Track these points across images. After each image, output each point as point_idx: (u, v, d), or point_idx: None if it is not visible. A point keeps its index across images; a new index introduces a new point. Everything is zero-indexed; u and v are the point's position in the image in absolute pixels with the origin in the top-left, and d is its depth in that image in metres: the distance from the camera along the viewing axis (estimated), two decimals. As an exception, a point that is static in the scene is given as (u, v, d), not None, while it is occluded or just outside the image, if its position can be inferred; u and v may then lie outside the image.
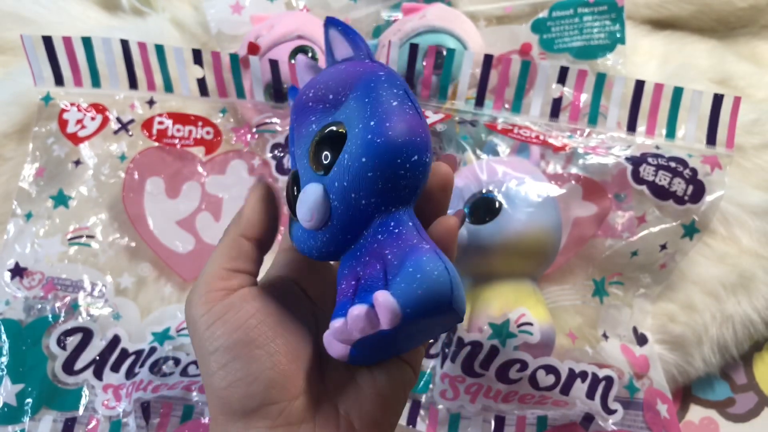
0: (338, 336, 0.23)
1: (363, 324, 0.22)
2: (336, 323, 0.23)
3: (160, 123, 0.49)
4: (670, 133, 0.48)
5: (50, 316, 0.45)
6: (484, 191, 0.44)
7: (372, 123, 0.23)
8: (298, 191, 0.25)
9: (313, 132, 0.25)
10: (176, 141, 0.49)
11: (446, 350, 0.43)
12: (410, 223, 0.24)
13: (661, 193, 0.46)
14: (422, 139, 0.23)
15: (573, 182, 0.47)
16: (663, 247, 0.47)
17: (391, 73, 0.25)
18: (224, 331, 0.25)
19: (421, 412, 0.44)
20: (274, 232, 0.29)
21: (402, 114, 0.23)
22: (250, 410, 0.25)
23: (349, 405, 0.26)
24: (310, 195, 0.24)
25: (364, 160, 0.23)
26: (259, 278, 0.29)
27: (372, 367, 0.27)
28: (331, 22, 0.27)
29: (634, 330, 0.47)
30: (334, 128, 0.24)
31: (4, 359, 0.43)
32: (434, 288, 0.22)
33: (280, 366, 0.25)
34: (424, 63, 0.48)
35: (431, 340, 0.45)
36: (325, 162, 0.24)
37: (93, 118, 0.48)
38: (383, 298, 0.22)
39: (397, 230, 0.24)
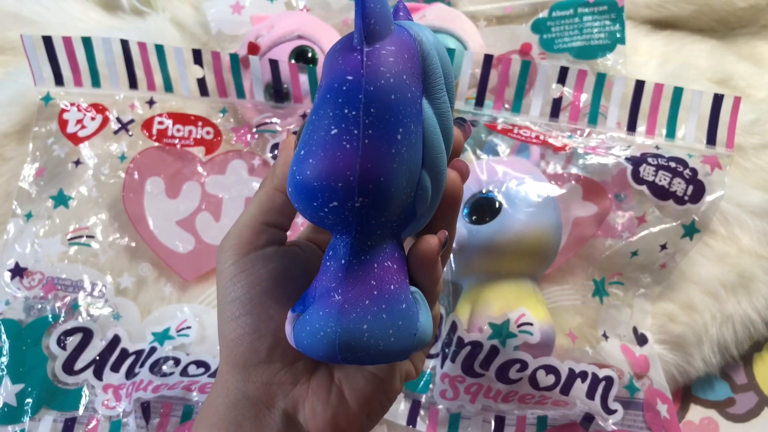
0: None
1: (287, 330, 0.24)
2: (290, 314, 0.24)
3: (160, 123, 0.49)
4: (670, 133, 0.48)
5: (50, 316, 0.45)
6: (484, 191, 0.44)
7: (302, 153, 0.21)
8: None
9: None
10: (176, 141, 0.49)
11: (446, 350, 0.43)
12: (342, 261, 0.23)
13: (661, 193, 0.46)
14: (349, 183, 0.20)
15: (573, 182, 0.47)
16: (663, 247, 0.47)
17: (372, 75, 0.21)
18: (244, 284, 0.26)
19: (421, 412, 0.44)
20: None
21: (334, 148, 0.20)
22: (251, 364, 0.26)
23: (344, 375, 0.27)
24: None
25: (290, 190, 0.22)
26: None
27: None
28: None
29: (634, 330, 0.47)
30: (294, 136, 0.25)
31: (4, 359, 0.43)
32: (319, 344, 0.23)
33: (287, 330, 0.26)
34: (424, 63, 0.48)
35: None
36: None
37: (93, 118, 0.48)
38: (287, 328, 0.24)
39: (329, 263, 0.23)
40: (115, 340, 0.45)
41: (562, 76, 0.48)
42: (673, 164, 0.46)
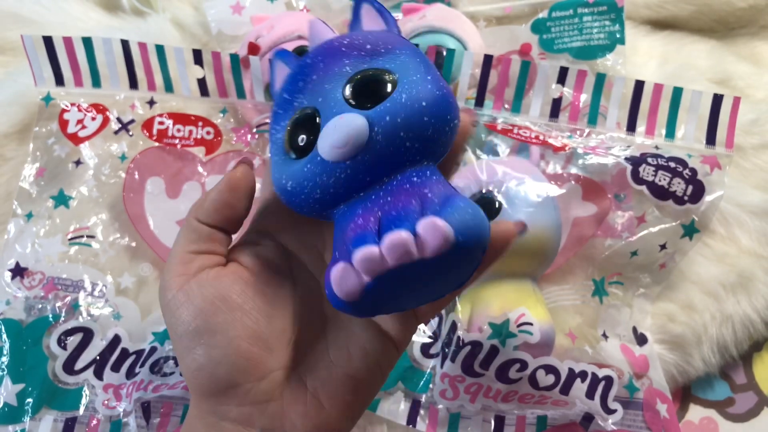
0: (365, 265, 0.22)
1: (403, 250, 0.21)
2: (364, 251, 0.22)
3: (161, 123, 0.49)
4: (670, 134, 0.48)
5: (51, 315, 0.45)
6: (484, 191, 0.44)
7: (429, 77, 0.24)
8: (312, 124, 0.25)
9: (348, 73, 0.25)
10: (176, 141, 0.49)
11: (446, 350, 0.44)
12: (442, 177, 0.24)
13: (660, 193, 0.46)
14: (458, 110, 0.25)
15: (573, 182, 0.47)
16: (663, 247, 0.47)
17: None
18: (186, 317, 0.26)
19: (421, 411, 0.44)
20: (240, 216, 0.28)
21: (445, 82, 0.25)
22: (218, 391, 0.26)
23: (319, 384, 0.27)
24: (351, 121, 0.23)
25: (424, 104, 0.23)
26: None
27: (351, 349, 0.27)
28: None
29: (634, 330, 0.47)
30: (386, 72, 0.24)
31: (5, 359, 0.43)
32: (481, 224, 0.22)
33: (241, 350, 0.25)
34: (424, 63, 0.48)
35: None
36: (371, 97, 0.24)
37: (93, 118, 0.49)
38: (437, 222, 0.21)
39: (434, 177, 0.24)
40: (116, 340, 0.45)
41: (562, 77, 0.48)
42: (672, 164, 0.46)
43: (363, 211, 0.24)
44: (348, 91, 0.24)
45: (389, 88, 0.24)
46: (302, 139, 0.25)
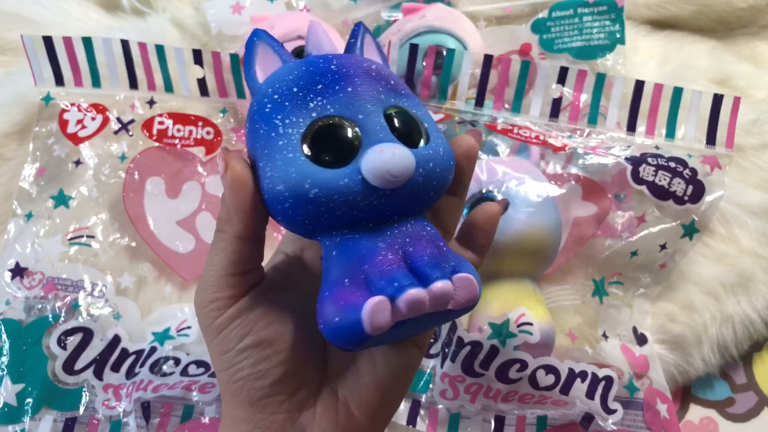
0: (412, 306, 0.22)
1: (445, 300, 0.23)
2: (416, 293, 0.22)
3: (161, 123, 0.49)
4: (670, 134, 0.48)
5: (50, 315, 0.45)
6: (484, 191, 0.44)
7: (442, 135, 0.26)
8: (351, 137, 0.24)
9: (383, 101, 0.25)
10: (176, 141, 0.49)
11: (446, 350, 0.44)
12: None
13: (660, 193, 0.46)
14: None
15: (573, 182, 0.47)
16: (663, 247, 0.47)
17: None
18: (234, 337, 0.26)
19: (421, 411, 0.44)
20: (263, 221, 0.26)
21: None
22: (255, 400, 0.26)
23: (348, 392, 0.27)
24: (408, 155, 0.23)
25: (452, 163, 0.26)
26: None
27: (375, 354, 0.27)
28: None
29: (634, 330, 0.47)
30: (419, 118, 0.26)
31: (5, 359, 0.43)
32: (480, 287, 0.25)
33: (286, 363, 0.26)
34: (424, 63, 0.48)
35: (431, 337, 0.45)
36: (409, 137, 0.25)
37: (93, 118, 0.49)
38: (472, 280, 0.24)
39: (438, 231, 0.26)
40: (116, 340, 0.45)
41: (562, 77, 0.48)
42: (672, 164, 0.46)
43: (386, 246, 0.24)
44: (393, 121, 0.25)
45: (424, 136, 0.25)
46: (336, 148, 0.24)
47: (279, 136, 0.24)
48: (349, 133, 0.24)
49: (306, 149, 0.23)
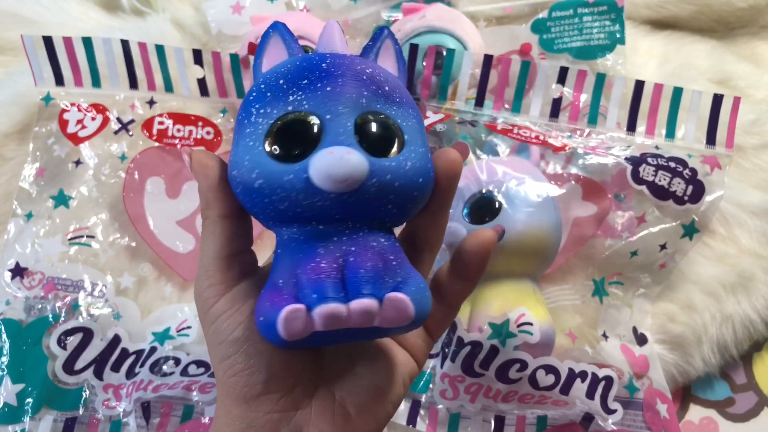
0: (327, 321, 0.22)
1: (367, 317, 0.22)
2: (332, 308, 0.22)
3: (161, 123, 0.49)
4: (670, 134, 0.48)
5: (50, 315, 0.45)
6: (484, 191, 0.44)
7: (429, 154, 0.25)
8: (310, 134, 0.23)
9: (363, 105, 0.24)
10: (176, 141, 0.49)
11: (446, 350, 0.44)
12: (402, 247, 0.25)
13: (660, 193, 0.46)
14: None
15: (573, 182, 0.47)
16: (663, 247, 0.47)
17: None
18: (228, 326, 0.26)
19: (421, 411, 0.44)
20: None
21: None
22: (250, 397, 0.26)
23: (345, 393, 0.27)
24: (358, 162, 0.22)
25: (420, 180, 0.24)
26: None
27: (374, 359, 0.28)
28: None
29: (634, 330, 0.47)
30: (399, 129, 0.24)
31: (5, 359, 0.43)
32: (429, 303, 0.24)
33: (280, 358, 0.26)
34: (424, 63, 0.48)
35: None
36: (378, 144, 0.24)
37: (93, 118, 0.49)
38: (405, 300, 0.23)
39: (396, 244, 0.25)
40: (116, 340, 0.45)
41: (562, 77, 0.48)
42: (672, 164, 0.46)
43: (325, 252, 0.24)
44: (361, 126, 0.24)
45: (396, 147, 0.24)
46: (292, 143, 0.24)
47: (249, 123, 0.24)
48: (310, 130, 0.23)
49: (266, 141, 0.24)
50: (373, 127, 0.24)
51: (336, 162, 0.22)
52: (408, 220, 0.26)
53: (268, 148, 0.23)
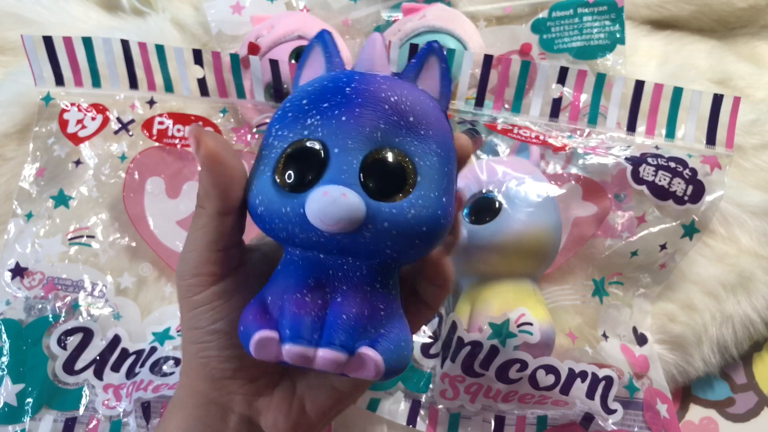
0: (294, 359, 0.23)
1: (335, 366, 0.23)
2: (300, 351, 0.22)
3: (161, 123, 0.49)
4: (670, 134, 0.48)
5: (51, 315, 0.45)
6: (484, 191, 0.44)
7: (444, 199, 0.24)
8: (314, 168, 0.23)
9: (377, 140, 0.23)
10: (176, 141, 0.49)
11: (446, 350, 0.44)
12: (400, 292, 0.25)
13: (660, 193, 0.46)
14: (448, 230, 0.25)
15: (573, 182, 0.47)
16: (663, 247, 0.47)
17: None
18: (208, 318, 0.26)
19: (421, 412, 0.44)
20: (240, 182, 0.25)
21: (454, 199, 0.25)
22: (217, 379, 0.27)
23: (306, 389, 0.28)
24: (354, 207, 0.22)
25: (424, 229, 0.23)
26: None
27: None
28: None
29: (634, 330, 0.47)
30: (412, 169, 0.23)
31: (5, 359, 0.43)
32: (407, 359, 0.24)
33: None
34: (424, 63, 0.48)
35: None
36: (383, 185, 0.23)
37: (93, 118, 0.49)
38: (376, 359, 0.23)
39: (393, 292, 0.25)
40: (116, 340, 0.45)
41: (562, 77, 0.48)
42: (672, 164, 0.46)
43: (315, 286, 0.24)
44: (368, 165, 0.23)
45: (405, 189, 0.23)
46: (296, 175, 0.23)
47: (266, 146, 0.24)
48: (314, 163, 0.23)
49: (275, 168, 0.23)
50: (381, 166, 0.23)
51: (329, 204, 0.22)
52: (416, 260, 0.25)
53: (273, 176, 0.23)
